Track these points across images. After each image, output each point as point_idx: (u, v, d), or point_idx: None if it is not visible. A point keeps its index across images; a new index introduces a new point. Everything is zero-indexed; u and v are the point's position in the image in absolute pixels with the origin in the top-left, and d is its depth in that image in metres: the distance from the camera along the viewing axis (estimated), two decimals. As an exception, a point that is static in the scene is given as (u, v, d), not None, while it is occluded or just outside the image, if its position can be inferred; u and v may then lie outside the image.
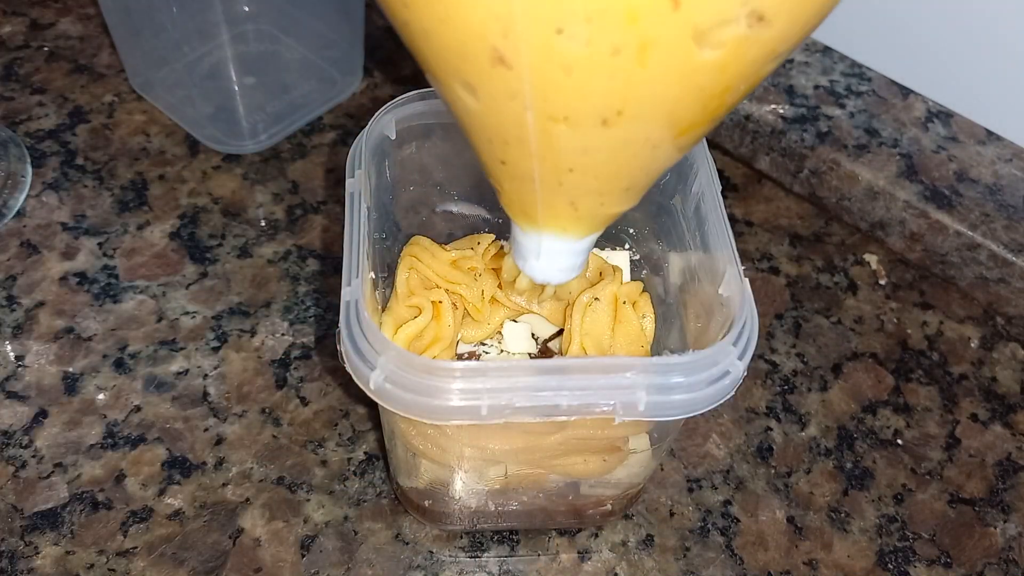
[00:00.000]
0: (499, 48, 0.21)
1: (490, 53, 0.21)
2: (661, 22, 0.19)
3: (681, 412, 0.30)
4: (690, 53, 0.20)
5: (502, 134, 0.24)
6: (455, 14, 0.21)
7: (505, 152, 0.25)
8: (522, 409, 0.29)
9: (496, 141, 0.24)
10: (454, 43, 0.21)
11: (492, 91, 0.22)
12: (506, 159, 0.25)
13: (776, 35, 0.21)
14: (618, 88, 0.21)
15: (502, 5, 0.19)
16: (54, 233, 0.51)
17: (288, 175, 0.55)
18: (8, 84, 0.59)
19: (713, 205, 0.34)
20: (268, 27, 0.59)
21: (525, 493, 0.38)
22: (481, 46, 0.21)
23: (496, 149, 0.25)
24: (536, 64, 0.21)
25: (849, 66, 0.58)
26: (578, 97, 0.21)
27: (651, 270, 0.41)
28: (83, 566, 0.39)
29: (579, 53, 0.20)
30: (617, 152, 0.24)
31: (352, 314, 0.30)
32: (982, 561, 0.43)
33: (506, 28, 0.20)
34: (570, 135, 0.23)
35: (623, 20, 0.19)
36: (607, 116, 0.22)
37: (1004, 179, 0.52)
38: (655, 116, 0.22)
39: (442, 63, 0.23)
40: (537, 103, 0.22)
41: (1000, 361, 0.50)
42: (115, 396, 0.45)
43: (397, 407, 0.29)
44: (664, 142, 0.24)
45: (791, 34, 0.21)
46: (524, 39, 0.20)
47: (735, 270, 0.32)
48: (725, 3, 0.19)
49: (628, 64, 0.20)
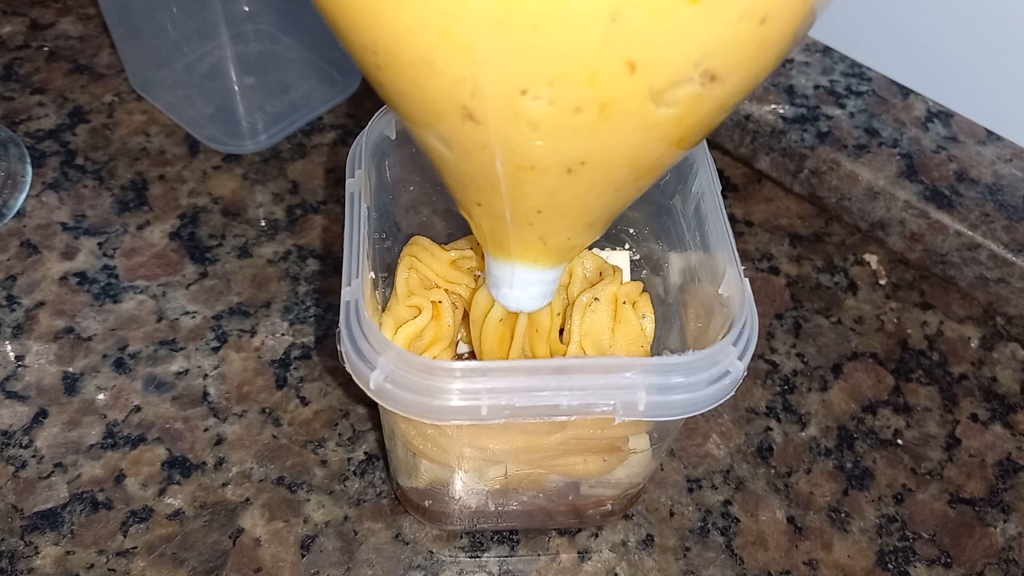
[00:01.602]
0: (468, 107, 0.22)
1: (460, 111, 0.22)
2: (619, 84, 0.20)
3: (681, 412, 0.30)
4: (647, 110, 0.21)
5: (476, 180, 0.25)
6: (425, 78, 0.22)
7: (479, 195, 0.26)
8: (522, 409, 0.29)
9: (470, 186, 0.26)
10: (426, 102, 0.23)
11: (464, 143, 0.24)
12: (480, 201, 0.27)
13: (728, 91, 0.22)
14: (581, 141, 0.22)
15: (468, 69, 0.21)
16: (54, 233, 0.51)
17: (288, 175, 0.55)
18: (8, 84, 0.59)
19: (713, 205, 0.34)
20: (268, 27, 0.59)
21: (525, 493, 0.38)
22: (451, 105, 0.22)
23: (471, 193, 0.26)
24: (503, 121, 0.22)
25: (849, 66, 0.58)
26: (544, 149, 0.23)
27: (651, 270, 0.41)
28: (83, 566, 0.39)
29: (543, 112, 0.21)
30: (582, 195, 0.25)
31: (352, 314, 0.30)
32: (982, 561, 0.43)
33: (473, 90, 0.21)
34: (537, 181, 0.24)
35: (584, 83, 0.20)
36: (571, 165, 0.23)
37: (1004, 179, 0.52)
38: (616, 164, 0.24)
39: (418, 119, 0.24)
40: (506, 154, 0.23)
41: (1000, 361, 0.50)
42: (115, 396, 0.45)
43: (397, 407, 0.29)
44: (626, 185, 0.25)
45: (743, 88, 0.23)
46: (490, 99, 0.21)
47: (735, 270, 0.32)
48: (679, 66, 0.21)
49: (590, 121, 0.22)
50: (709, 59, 0.21)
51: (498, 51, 0.20)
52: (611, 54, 0.20)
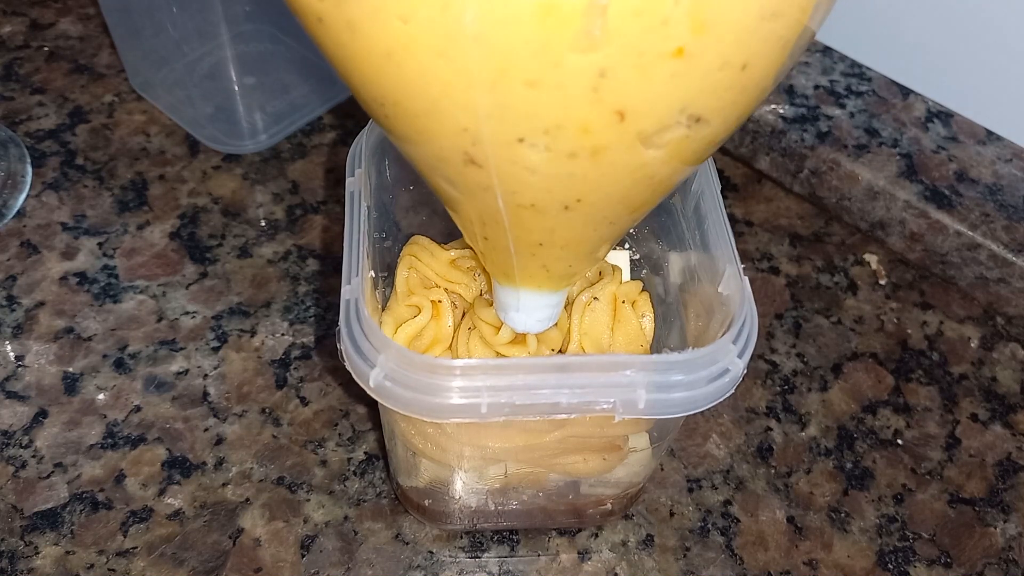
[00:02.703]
0: (470, 153, 0.24)
1: (463, 156, 0.24)
2: (610, 132, 0.22)
3: (681, 410, 0.30)
4: (637, 153, 0.23)
5: (481, 217, 0.27)
6: (430, 128, 0.24)
7: (484, 230, 0.28)
8: (522, 407, 0.29)
9: (476, 222, 0.28)
10: (432, 148, 0.25)
11: (468, 185, 0.26)
12: (487, 236, 0.29)
13: (714, 131, 0.24)
14: (576, 183, 0.24)
15: (469, 122, 0.22)
16: (54, 233, 0.51)
17: (288, 175, 0.55)
18: (8, 84, 0.59)
19: (713, 204, 0.34)
20: (268, 27, 0.59)
21: (525, 492, 0.38)
22: (454, 151, 0.24)
23: (477, 228, 0.29)
24: (503, 166, 0.24)
25: (849, 66, 0.58)
26: (542, 190, 0.25)
27: (651, 269, 0.41)
28: (83, 566, 0.39)
29: (539, 157, 0.23)
30: (580, 229, 0.27)
31: (352, 313, 0.30)
32: (982, 561, 0.42)
33: (474, 138, 0.23)
34: (538, 219, 0.26)
35: (576, 132, 0.22)
36: (568, 204, 0.25)
37: (1004, 179, 0.52)
38: (611, 202, 0.26)
39: (424, 162, 0.26)
40: (506, 195, 0.25)
41: (1000, 361, 0.50)
42: (115, 396, 0.45)
43: (397, 405, 0.29)
44: (620, 218, 0.27)
45: (728, 127, 0.24)
46: (490, 146, 0.23)
47: (735, 269, 0.32)
48: (665, 113, 0.22)
49: (584, 164, 0.23)
50: (694, 105, 0.22)
51: (496, 106, 0.22)
52: (601, 106, 0.21)
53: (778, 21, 0.21)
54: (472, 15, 0.20)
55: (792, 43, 0.22)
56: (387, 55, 0.22)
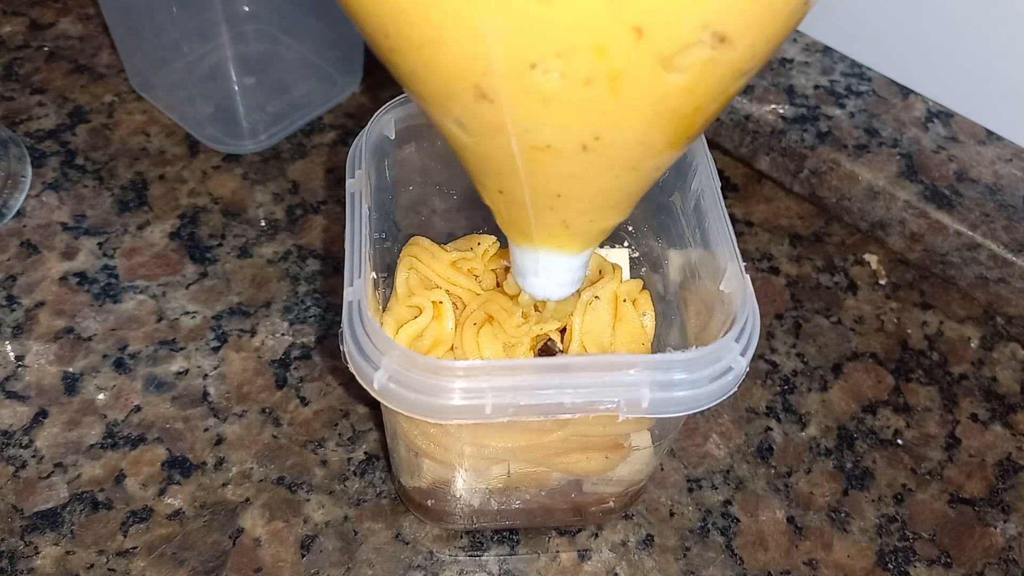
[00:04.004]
0: (480, 85, 0.22)
1: (473, 91, 0.22)
2: (627, 52, 0.21)
3: (684, 409, 0.30)
4: (658, 78, 0.21)
5: (495, 164, 0.25)
6: (436, 58, 0.22)
7: (500, 182, 0.26)
8: (526, 407, 0.29)
9: (491, 172, 0.26)
10: (439, 83, 0.23)
11: (479, 126, 0.24)
12: (503, 188, 0.27)
13: (740, 55, 0.22)
14: (594, 116, 0.22)
15: (478, 46, 0.21)
16: (54, 233, 0.51)
17: (288, 175, 0.55)
18: (8, 84, 0.59)
19: (713, 201, 0.34)
20: (268, 27, 0.59)
21: (528, 491, 0.38)
22: (463, 84, 0.22)
23: (492, 180, 0.27)
24: (515, 98, 0.22)
25: (849, 66, 0.58)
26: (557, 126, 0.23)
27: (651, 267, 0.41)
28: (83, 566, 0.39)
29: (554, 86, 0.21)
30: (600, 175, 0.25)
31: (355, 314, 0.30)
32: (982, 561, 0.43)
33: (484, 67, 0.21)
34: (554, 163, 0.24)
35: (591, 53, 0.21)
36: (586, 142, 0.23)
37: (1004, 179, 0.52)
38: (632, 139, 0.24)
39: (432, 101, 0.24)
40: (520, 134, 0.23)
41: (1000, 361, 0.50)
42: (115, 396, 0.45)
43: (401, 407, 0.29)
44: (643, 163, 0.25)
45: (756, 52, 0.22)
46: (502, 75, 0.22)
47: (736, 266, 0.32)
48: (685, 28, 0.20)
49: (601, 92, 0.22)
50: (717, 19, 0.20)
51: (506, 27, 0.20)
52: (617, 21, 0.20)
53: None
54: None
55: None
56: None
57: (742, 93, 0.56)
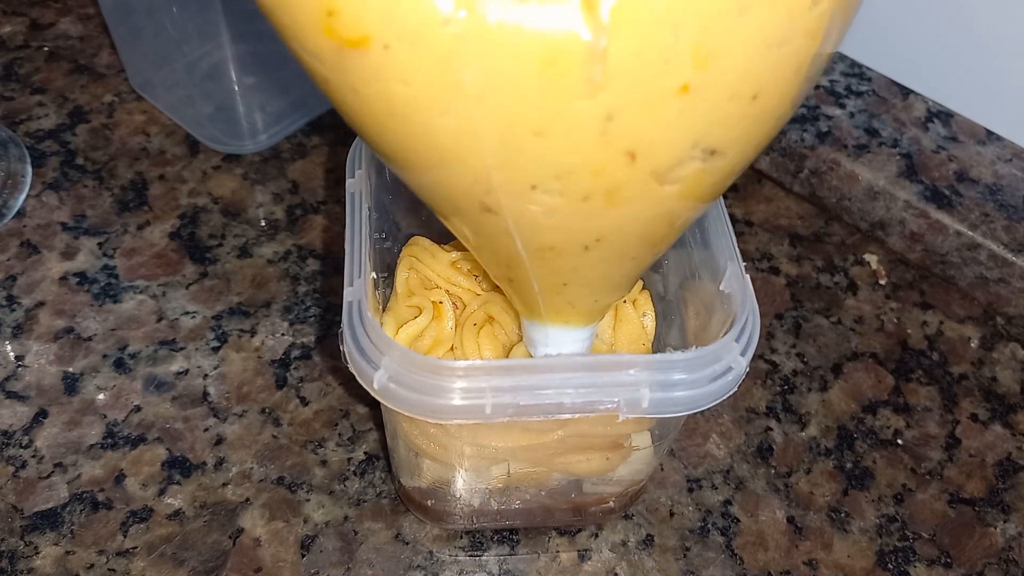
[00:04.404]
0: (485, 202, 0.24)
1: (478, 205, 0.24)
2: (622, 172, 0.22)
3: (685, 409, 0.30)
4: (652, 190, 0.23)
5: (504, 259, 0.27)
6: (442, 179, 0.24)
7: (509, 272, 0.28)
8: (526, 407, 0.29)
9: (500, 265, 0.28)
10: (447, 198, 0.25)
11: (487, 231, 0.26)
12: (511, 277, 0.29)
13: (730, 162, 0.23)
14: (593, 224, 0.24)
15: (480, 172, 0.22)
16: (54, 233, 0.51)
17: (288, 175, 0.55)
18: (8, 84, 0.59)
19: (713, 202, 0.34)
20: (268, 27, 0.59)
21: (528, 491, 0.38)
22: (469, 201, 0.24)
23: (501, 270, 0.29)
24: (518, 212, 0.24)
25: (849, 66, 0.58)
26: (560, 233, 0.25)
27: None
28: (83, 566, 0.39)
29: (554, 202, 0.23)
30: (602, 267, 0.27)
31: (355, 314, 0.30)
32: (982, 561, 0.43)
33: (487, 188, 0.23)
34: (559, 260, 0.26)
35: (589, 175, 0.22)
36: (588, 244, 0.25)
37: (1004, 179, 0.52)
38: (630, 239, 0.26)
39: (442, 210, 0.26)
40: (525, 239, 0.25)
41: (1000, 361, 0.50)
42: (115, 396, 0.45)
43: (401, 407, 0.29)
44: (642, 254, 0.27)
45: (746, 157, 0.24)
46: (504, 194, 0.23)
47: (736, 266, 0.32)
48: (678, 149, 0.22)
49: (599, 205, 0.23)
50: (707, 138, 0.22)
51: (506, 157, 0.22)
52: (610, 149, 0.21)
53: (786, 48, 0.21)
54: (471, 75, 0.20)
55: (806, 68, 0.22)
56: (391, 115, 0.22)
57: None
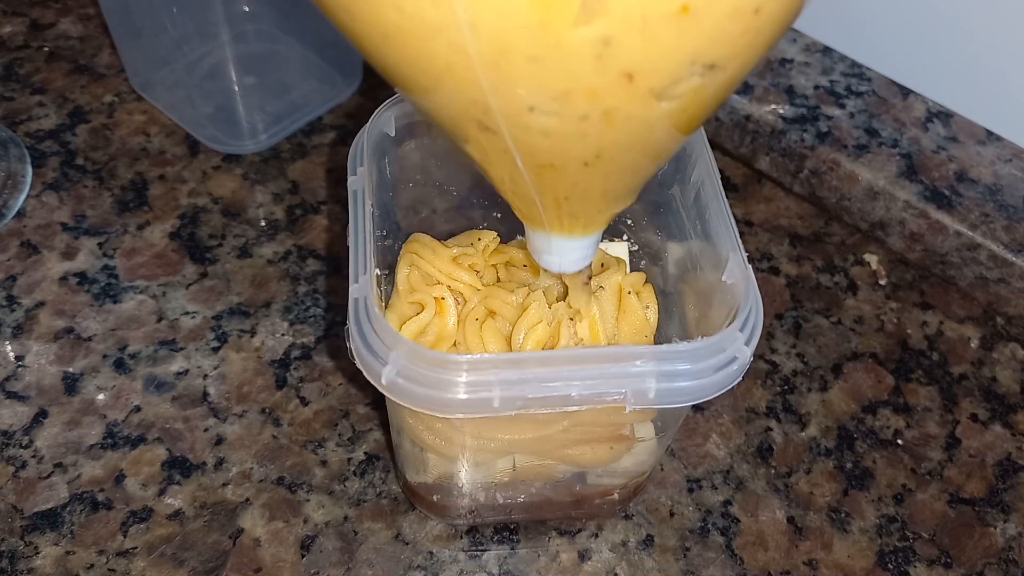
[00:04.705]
0: (483, 121, 0.24)
1: (477, 124, 0.24)
2: (620, 93, 0.22)
3: (690, 399, 0.30)
4: (650, 108, 0.23)
5: (507, 174, 0.27)
6: (439, 100, 0.24)
7: (512, 186, 0.28)
8: (534, 400, 0.29)
9: (504, 179, 0.28)
10: (447, 119, 0.25)
11: (487, 148, 0.26)
12: (515, 190, 0.29)
13: (730, 76, 0.23)
14: (592, 142, 0.24)
15: (476, 94, 0.22)
16: (54, 233, 0.51)
17: (288, 175, 0.55)
18: (8, 84, 0.59)
19: (714, 193, 0.34)
20: (268, 27, 0.59)
21: (533, 485, 0.38)
22: (468, 120, 0.24)
23: (505, 185, 0.29)
24: (516, 133, 0.24)
25: (849, 66, 0.58)
26: (558, 152, 0.25)
27: (650, 260, 0.41)
28: (83, 566, 0.39)
29: (551, 123, 0.23)
30: (603, 181, 0.27)
31: (361, 310, 0.30)
32: (982, 561, 0.42)
33: (484, 109, 0.23)
34: (559, 175, 0.26)
35: (585, 96, 0.22)
36: (587, 160, 0.25)
37: (1004, 179, 0.52)
38: (631, 154, 0.25)
39: (444, 127, 0.26)
40: (524, 156, 0.25)
41: (1000, 361, 0.50)
42: (115, 396, 0.45)
43: (409, 402, 0.29)
44: (642, 167, 0.27)
45: (744, 70, 0.23)
46: (501, 116, 0.23)
47: (739, 257, 0.32)
48: (676, 67, 0.21)
49: (597, 125, 0.23)
50: (706, 55, 0.21)
51: (500, 80, 0.21)
52: (607, 71, 0.21)
53: None
54: (464, 5, 0.19)
55: None
56: (386, 36, 0.22)
57: (742, 93, 0.56)
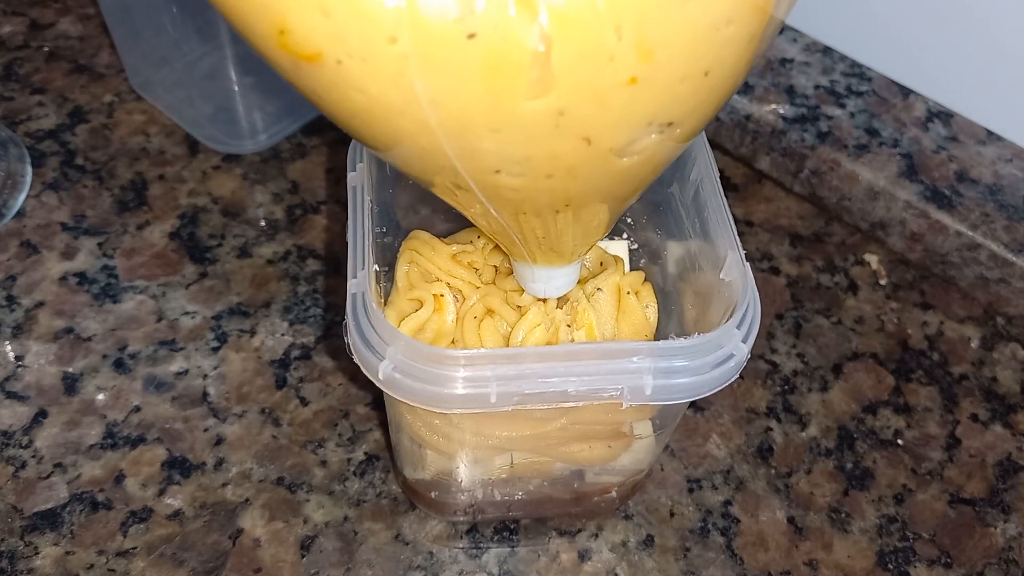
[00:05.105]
0: (455, 182, 0.25)
1: (450, 184, 0.25)
2: (581, 155, 0.23)
3: (687, 395, 0.30)
4: (613, 164, 0.24)
5: (484, 218, 0.29)
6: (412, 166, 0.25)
7: (491, 229, 0.30)
8: (531, 396, 0.29)
9: (483, 224, 0.30)
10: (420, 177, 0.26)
11: (463, 202, 0.27)
12: (494, 232, 0.30)
13: (688, 129, 0.24)
14: (560, 195, 0.25)
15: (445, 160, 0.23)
16: (54, 233, 0.51)
17: (288, 175, 0.55)
18: (8, 84, 0.59)
19: (712, 191, 0.34)
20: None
21: (531, 482, 0.38)
22: (441, 180, 0.26)
23: (485, 228, 0.30)
24: (486, 190, 0.25)
25: (849, 66, 0.58)
26: (529, 202, 0.26)
27: (649, 259, 0.41)
28: (83, 566, 0.39)
29: (518, 182, 0.24)
30: (576, 224, 0.28)
31: (359, 305, 0.30)
32: (982, 561, 0.42)
33: (453, 172, 0.24)
34: (534, 220, 0.28)
35: (547, 159, 0.23)
36: (558, 208, 0.27)
37: (1004, 179, 0.52)
38: (599, 199, 0.27)
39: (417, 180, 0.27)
40: (497, 207, 0.27)
41: (1000, 361, 0.50)
42: (115, 396, 0.45)
43: (407, 397, 0.29)
44: (614, 207, 0.29)
45: (704, 121, 0.25)
46: (470, 177, 0.24)
47: (737, 254, 0.32)
48: (632, 129, 0.22)
49: (563, 180, 0.24)
50: (661, 116, 0.22)
51: (465, 149, 0.23)
52: (566, 137, 0.22)
53: (734, 25, 0.21)
54: (422, 85, 0.20)
55: (758, 37, 0.22)
56: (353, 115, 0.23)
57: (742, 93, 0.56)
